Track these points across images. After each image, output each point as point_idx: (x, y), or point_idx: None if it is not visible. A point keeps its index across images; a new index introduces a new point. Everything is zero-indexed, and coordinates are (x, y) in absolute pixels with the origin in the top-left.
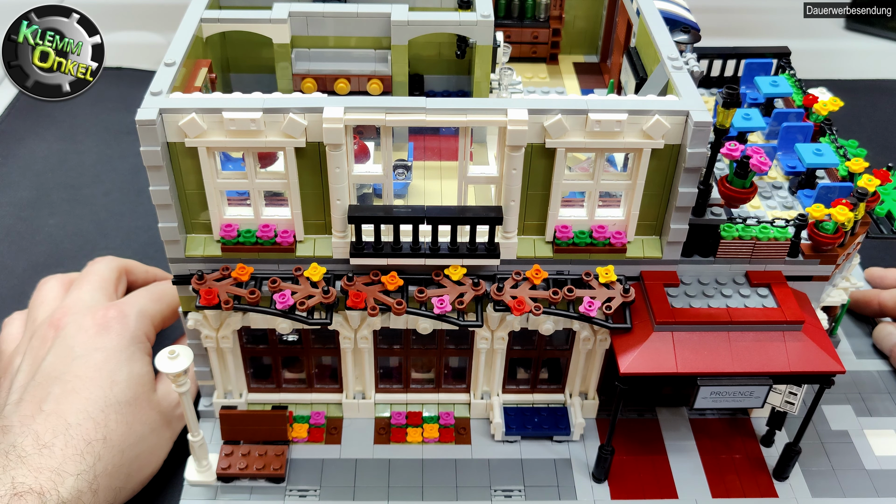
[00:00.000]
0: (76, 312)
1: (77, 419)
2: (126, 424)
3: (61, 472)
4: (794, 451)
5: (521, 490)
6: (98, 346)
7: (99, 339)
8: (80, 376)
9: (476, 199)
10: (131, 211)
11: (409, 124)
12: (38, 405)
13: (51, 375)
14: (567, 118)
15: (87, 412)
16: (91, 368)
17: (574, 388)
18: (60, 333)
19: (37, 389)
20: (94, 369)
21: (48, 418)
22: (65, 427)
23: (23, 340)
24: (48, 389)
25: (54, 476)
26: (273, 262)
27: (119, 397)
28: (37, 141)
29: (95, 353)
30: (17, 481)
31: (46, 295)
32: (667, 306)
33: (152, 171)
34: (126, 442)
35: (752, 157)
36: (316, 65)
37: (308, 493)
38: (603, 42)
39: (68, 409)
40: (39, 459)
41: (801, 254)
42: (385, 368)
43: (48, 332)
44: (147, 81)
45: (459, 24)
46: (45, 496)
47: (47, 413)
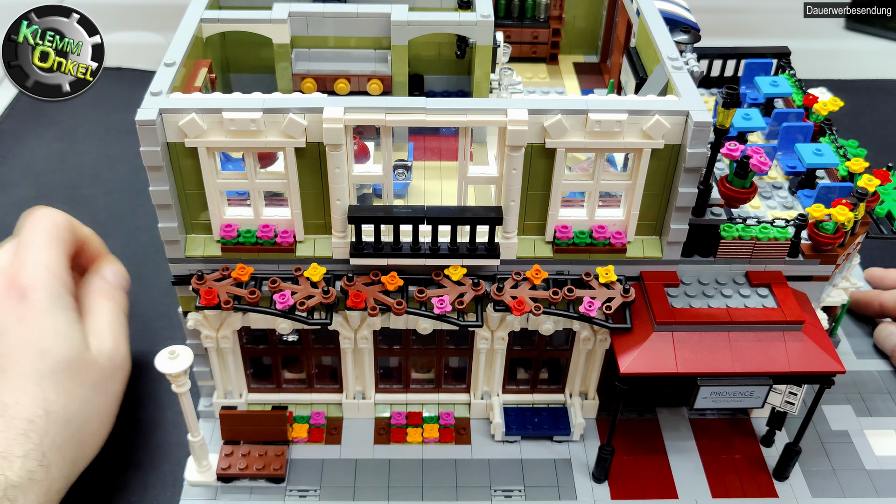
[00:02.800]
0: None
1: (13, 398)
2: (66, 392)
3: (7, 455)
4: (794, 451)
5: (521, 490)
6: (16, 318)
7: (15, 311)
8: (6, 354)
9: (476, 199)
10: (131, 211)
11: (409, 124)
12: None
13: None
14: (567, 118)
15: (21, 389)
16: (15, 343)
17: (574, 389)
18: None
19: None
20: (19, 345)
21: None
22: (2, 408)
23: None
24: None
25: (0, 461)
26: (273, 262)
27: (52, 366)
28: (37, 141)
29: (16, 326)
30: None
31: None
32: (667, 306)
33: (152, 172)
34: (70, 410)
35: (752, 157)
36: (316, 65)
37: (308, 493)
38: (603, 42)
39: (1, 389)
40: None
41: (801, 254)
42: (385, 368)
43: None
44: (147, 81)
45: (459, 25)
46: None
47: None
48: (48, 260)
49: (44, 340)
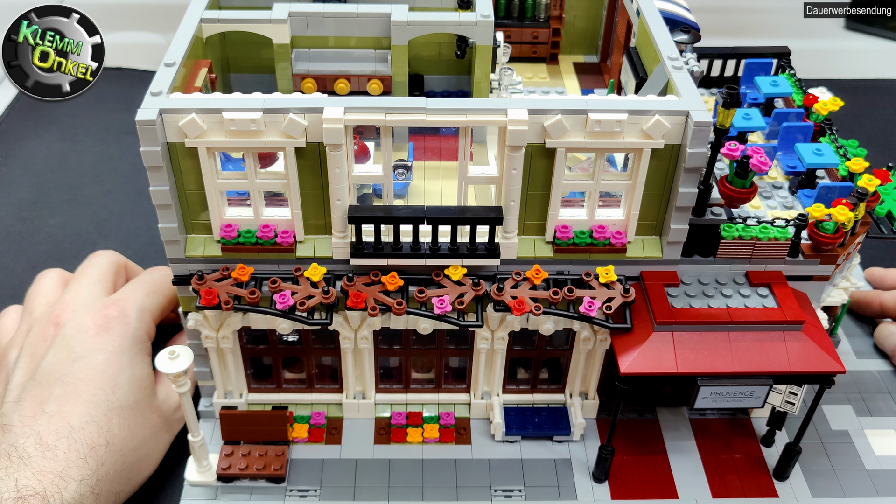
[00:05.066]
0: (75, 310)
1: (80, 422)
2: (129, 429)
3: (65, 476)
4: (794, 451)
5: (521, 490)
6: (99, 348)
7: (100, 340)
8: (83, 379)
9: (476, 199)
10: (131, 211)
11: (409, 124)
12: (39, 405)
13: (52, 375)
14: (567, 118)
15: (90, 416)
16: (93, 371)
17: (574, 389)
18: (60, 332)
19: (38, 389)
20: (96, 372)
21: (51, 420)
22: (68, 430)
23: (18, 333)
24: (49, 390)
25: (57, 480)
26: (273, 262)
27: (122, 401)
28: (37, 141)
29: (97, 354)
30: (21, 484)
31: (43, 288)
32: (667, 306)
33: (152, 172)
34: (128, 446)
35: (752, 157)
36: (316, 65)
37: (308, 493)
38: (603, 42)
39: (71, 411)
40: (42, 462)
41: (801, 254)
42: (385, 368)
43: (47, 329)
44: (147, 81)
45: (459, 24)
46: (49, 500)
47: (49, 414)
48: (143, 304)
49: (118, 376)
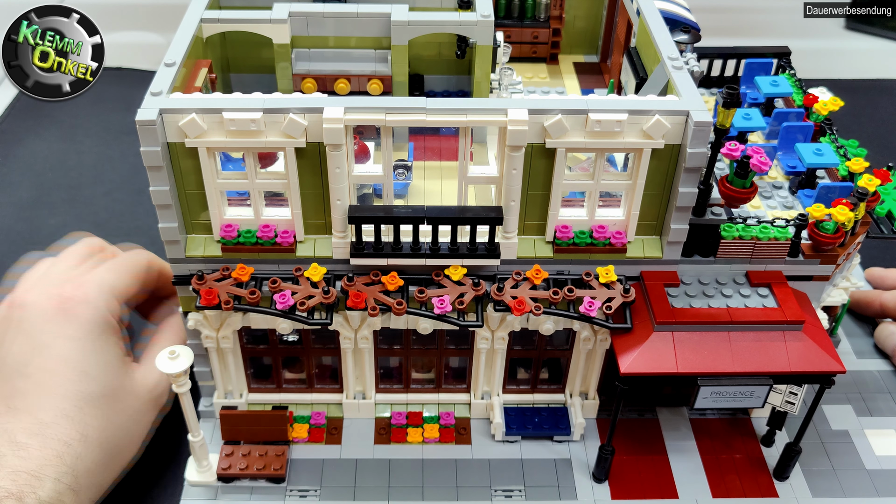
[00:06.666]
0: (38, 289)
1: (51, 418)
2: (104, 418)
3: (40, 475)
4: (794, 450)
5: (521, 490)
6: (60, 333)
7: (59, 325)
8: (48, 370)
9: (476, 199)
10: (131, 211)
11: (410, 124)
12: (4, 401)
13: (12, 367)
14: (567, 118)
15: (61, 410)
16: (57, 360)
17: (574, 388)
18: (21, 315)
19: (1, 383)
20: (62, 362)
21: (19, 416)
22: (39, 427)
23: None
24: (13, 383)
25: (32, 480)
26: (273, 262)
27: (94, 391)
28: (37, 141)
29: (59, 340)
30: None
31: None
32: (667, 306)
33: (152, 172)
34: (105, 436)
35: (752, 157)
36: (316, 65)
37: (308, 493)
38: (603, 42)
39: (40, 406)
40: (15, 461)
41: (801, 254)
42: (385, 368)
43: (10, 313)
44: (147, 81)
45: (459, 24)
46: (24, 500)
47: (17, 410)
48: (105, 282)
49: (85, 363)
